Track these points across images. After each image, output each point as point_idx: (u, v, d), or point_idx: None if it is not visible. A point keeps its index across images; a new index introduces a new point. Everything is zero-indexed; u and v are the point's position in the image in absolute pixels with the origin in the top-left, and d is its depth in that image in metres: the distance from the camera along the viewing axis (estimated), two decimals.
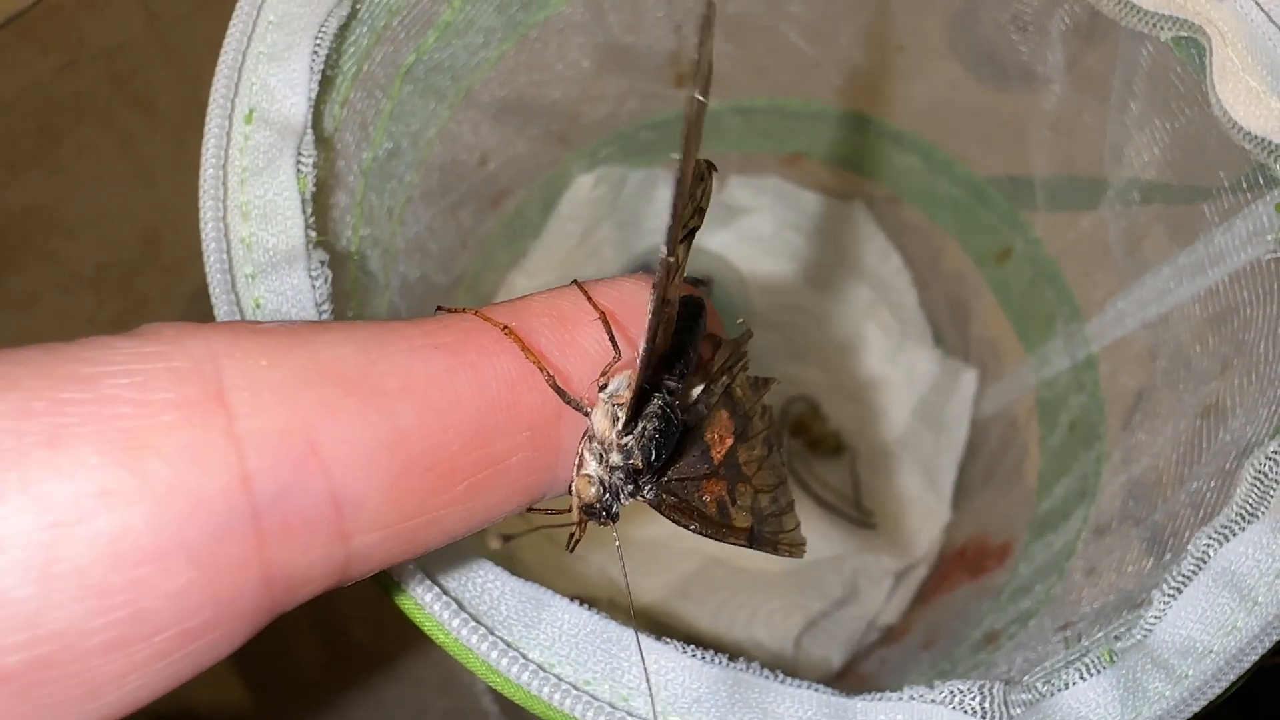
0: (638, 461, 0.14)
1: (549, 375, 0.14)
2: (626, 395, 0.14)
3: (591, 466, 0.14)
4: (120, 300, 0.52)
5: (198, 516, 0.11)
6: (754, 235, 0.45)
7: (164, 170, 0.54)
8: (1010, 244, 0.38)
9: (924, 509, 0.43)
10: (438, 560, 0.18)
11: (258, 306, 0.18)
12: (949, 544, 0.42)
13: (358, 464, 0.12)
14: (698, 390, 0.17)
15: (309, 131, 0.20)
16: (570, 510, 0.15)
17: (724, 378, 0.17)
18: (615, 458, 0.14)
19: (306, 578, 0.12)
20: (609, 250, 0.44)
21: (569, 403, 0.14)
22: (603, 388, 0.14)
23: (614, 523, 0.14)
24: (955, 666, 0.32)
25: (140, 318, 0.45)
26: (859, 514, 0.44)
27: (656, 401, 0.15)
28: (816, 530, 0.44)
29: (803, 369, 0.46)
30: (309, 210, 0.19)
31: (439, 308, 0.15)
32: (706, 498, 0.16)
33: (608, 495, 0.14)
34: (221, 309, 0.18)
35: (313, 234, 0.19)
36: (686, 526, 0.15)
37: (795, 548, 0.18)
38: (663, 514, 0.15)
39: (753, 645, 0.39)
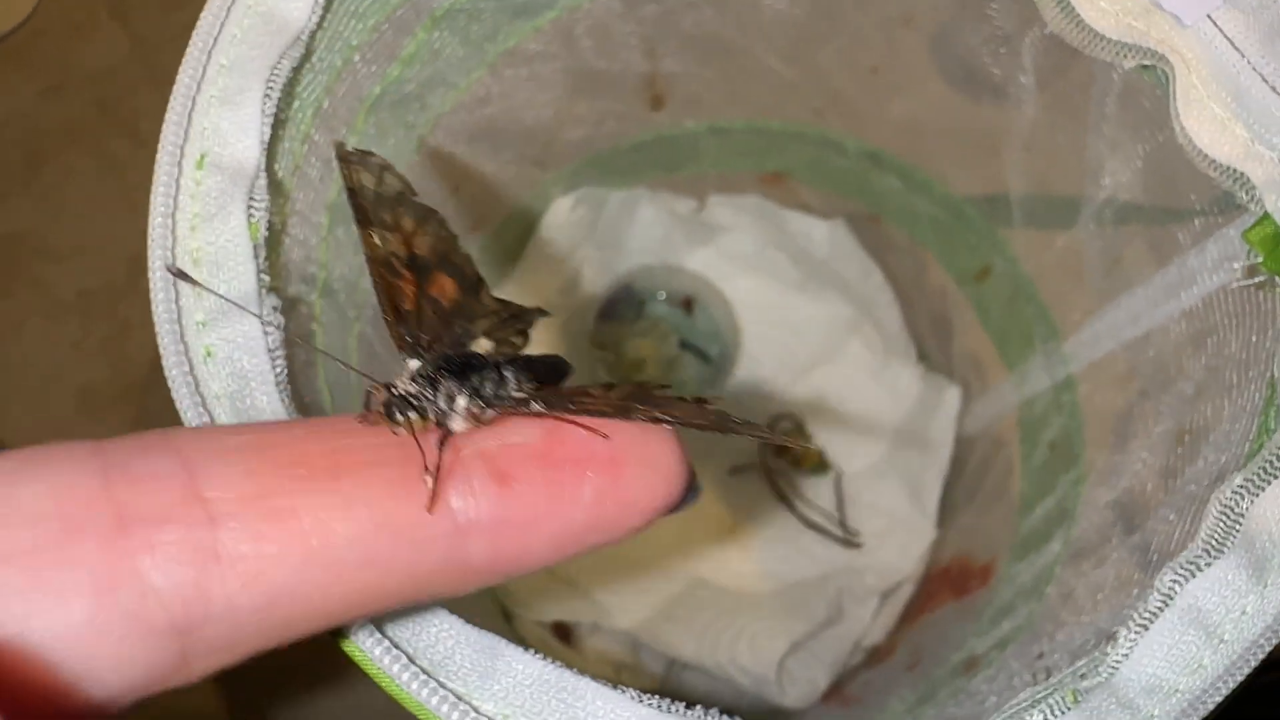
0: (430, 371, 0.16)
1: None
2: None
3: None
4: (106, 325, 0.52)
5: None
6: (736, 253, 0.45)
7: (150, 195, 0.53)
8: (989, 262, 0.38)
9: (909, 527, 0.43)
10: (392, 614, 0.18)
11: (208, 355, 0.18)
12: (934, 562, 0.42)
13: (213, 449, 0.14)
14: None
15: (262, 175, 0.20)
16: None
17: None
18: (409, 371, 0.16)
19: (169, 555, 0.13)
20: (590, 270, 0.44)
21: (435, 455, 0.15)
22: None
23: (423, 420, 0.15)
24: (935, 691, 0.31)
25: (126, 343, 0.44)
26: (844, 533, 0.44)
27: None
28: (801, 549, 0.44)
29: (787, 386, 0.46)
30: (261, 256, 0.19)
31: None
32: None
33: (398, 391, 0.15)
34: (170, 359, 0.18)
35: (265, 278, 0.19)
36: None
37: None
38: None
39: (736, 669, 0.39)
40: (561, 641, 0.42)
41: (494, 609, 0.41)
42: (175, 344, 0.18)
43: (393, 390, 0.15)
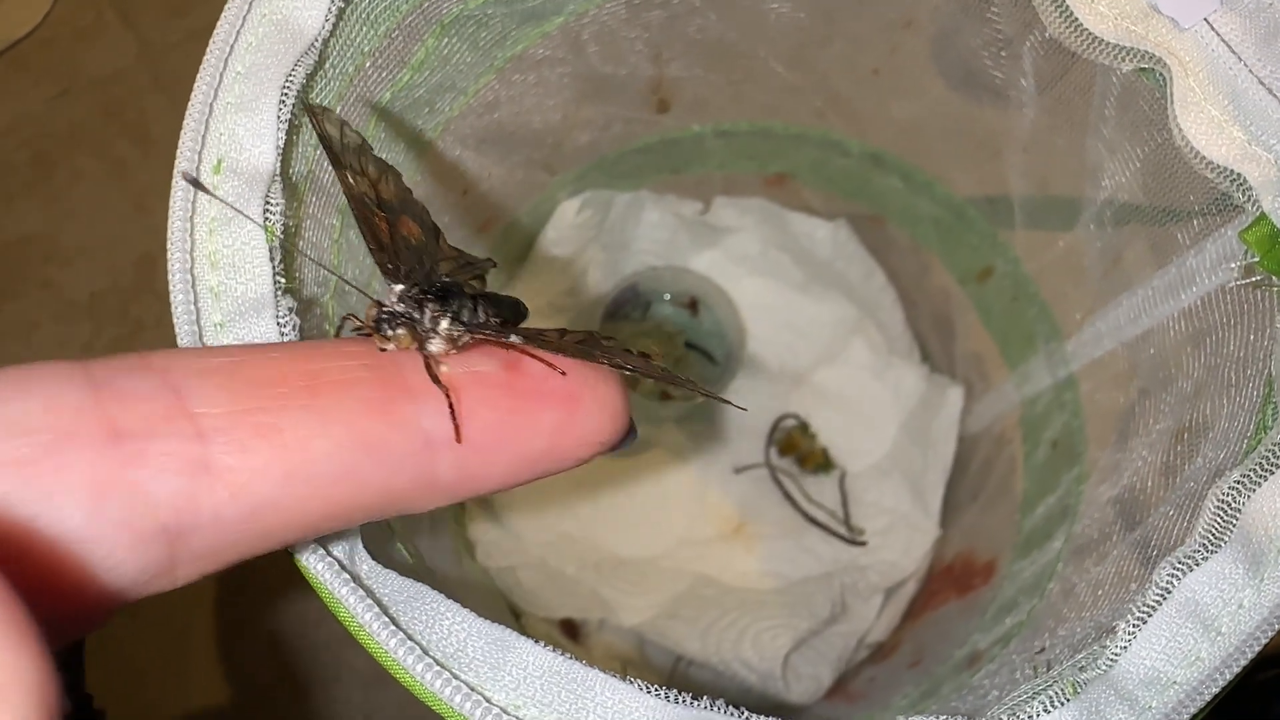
0: (417, 294, 0.16)
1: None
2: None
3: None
4: (117, 326, 0.53)
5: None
6: (740, 254, 0.46)
7: (158, 197, 0.53)
8: (991, 263, 0.38)
9: (913, 525, 0.43)
10: (405, 603, 0.18)
11: None
12: (938, 560, 0.43)
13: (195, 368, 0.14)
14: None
15: (277, 180, 0.20)
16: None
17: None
18: (396, 292, 0.17)
19: (161, 450, 0.13)
20: (596, 272, 0.45)
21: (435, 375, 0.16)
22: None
23: (410, 331, 0.16)
24: (938, 687, 0.32)
25: (137, 344, 0.45)
26: (848, 531, 0.44)
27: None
28: (806, 547, 0.44)
29: (791, 386, 0.46)
30: (277, 258, 0.20)
31: None
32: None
33: (385, 309, 0.16)
34: None
35: (281, 280, 0.20)
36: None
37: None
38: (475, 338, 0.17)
39: (741, 665, 0.40)
40: (569, 639, 0.42)
41: (503, 607, 0.41)
42: (194, 344, 0.18)
43: (383, 307, 0.16)
